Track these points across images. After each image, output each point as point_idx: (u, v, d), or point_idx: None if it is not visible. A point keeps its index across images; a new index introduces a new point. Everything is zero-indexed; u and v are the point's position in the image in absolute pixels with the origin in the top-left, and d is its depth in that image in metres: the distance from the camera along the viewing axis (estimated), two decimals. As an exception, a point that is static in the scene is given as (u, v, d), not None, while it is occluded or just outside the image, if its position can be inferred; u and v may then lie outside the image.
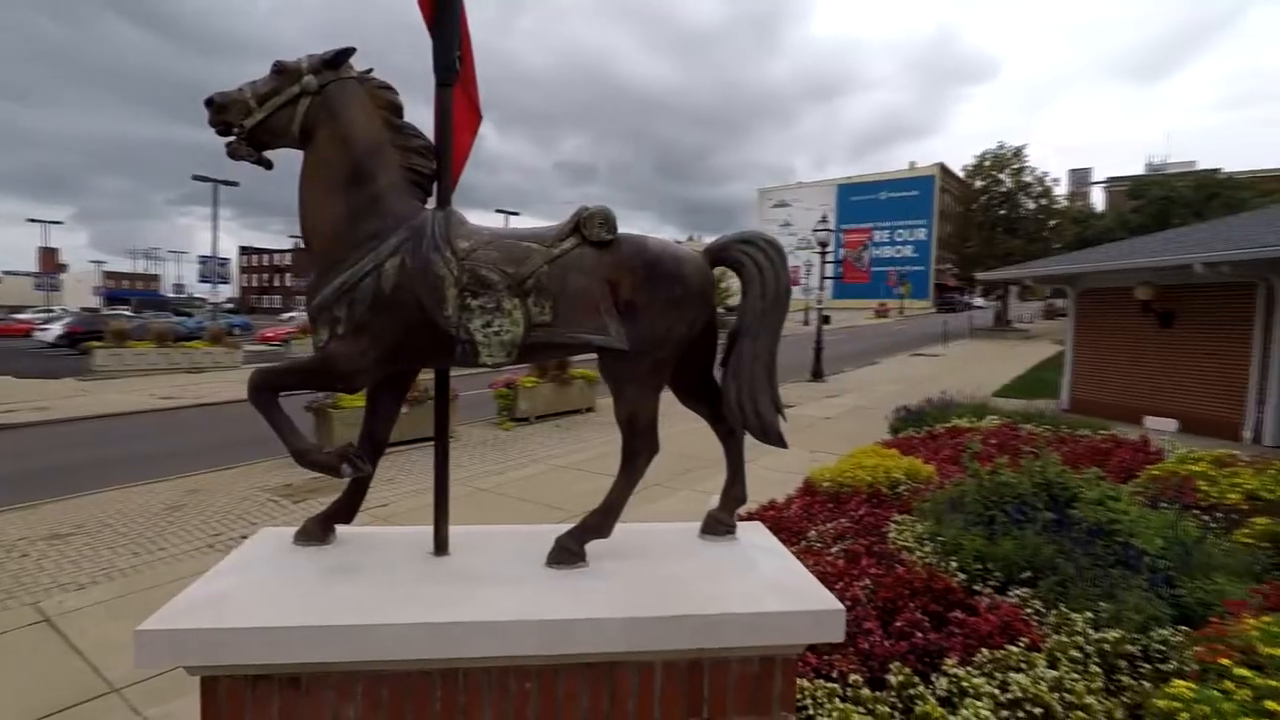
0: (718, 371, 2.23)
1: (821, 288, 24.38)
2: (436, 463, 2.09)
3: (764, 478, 6.90)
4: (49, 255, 57.72)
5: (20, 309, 56.36)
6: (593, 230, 1.97)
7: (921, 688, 2.95)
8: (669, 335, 1.99)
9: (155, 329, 24.55)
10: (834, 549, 4.62)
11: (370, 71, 2.04)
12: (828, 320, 25.66)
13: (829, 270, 25.00)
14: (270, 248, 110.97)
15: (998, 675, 2.95)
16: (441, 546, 2.07)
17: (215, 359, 24.44)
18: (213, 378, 21.53)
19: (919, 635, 3.31)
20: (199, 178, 30.53)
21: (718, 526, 2.27)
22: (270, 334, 33.88)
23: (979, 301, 65.29)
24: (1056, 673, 2.95)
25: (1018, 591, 3.73)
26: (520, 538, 2.27)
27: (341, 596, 1.75)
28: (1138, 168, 73.72)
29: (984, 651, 3.12)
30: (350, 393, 2.03)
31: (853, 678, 3.02)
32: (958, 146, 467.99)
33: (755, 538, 2.34)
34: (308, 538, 2.08)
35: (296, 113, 1.92)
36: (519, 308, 1.91)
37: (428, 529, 2.20)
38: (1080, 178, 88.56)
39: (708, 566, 2.04)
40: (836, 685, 2.99)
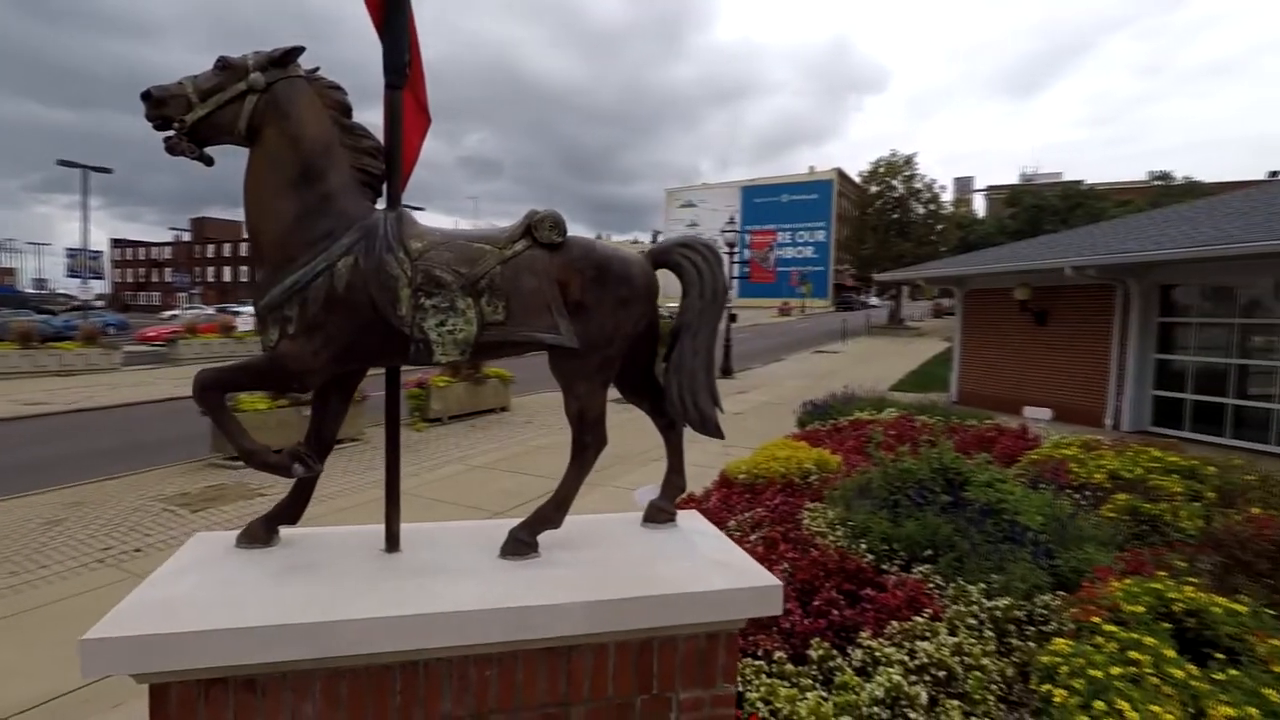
0: (658, 368, 2.35)
1: (730, 287, 25.07)
2: (388, 459, 2.11)
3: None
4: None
5: None
6: (544, 233, 2.05)
7: (840, 660, 3.19)
8: (616, 333, 2.09)
9: (18, 328, 22.25)
10: (753, 537, 4.84)
11: (317, 70, 2.03)
12: (735, 318, 26.43)
13: (736, 270, 25.75)
14: (146, 240, 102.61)
15: (906, 644, 3.22)
16: (393, 542, 2.09)
17: (89, 360, 22.43)
18: (88, 381, 19.79)
19: (835, 612, 3.55)
20: (65, 163, 27.95)
21: (660, 514, 2.39)
22: (152, 333, 31.36)
23: (874, 301, 68.77)
24: (956, 639, 3.25)
25: (920, 568, 4.05)
26: (468, 532, 2.32)
27: (299, 595, 1.76)
28: (1013, 177, 79.68)
29: (893, 624, 3.40)
30: (303, 392, 2.02)
31: (777, 655, 3.22)
32: (852, 152, 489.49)
33: (694, 524, 2.48)
34: (251, 539, 2.05)
35: (243, 109, 1.89)
36: (472, 307, 1.96)
37: (374, 527, 2.21)
38: (964, 185, 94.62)
39: (655, 551, 2.16)
40: (763, 662, 3.18)
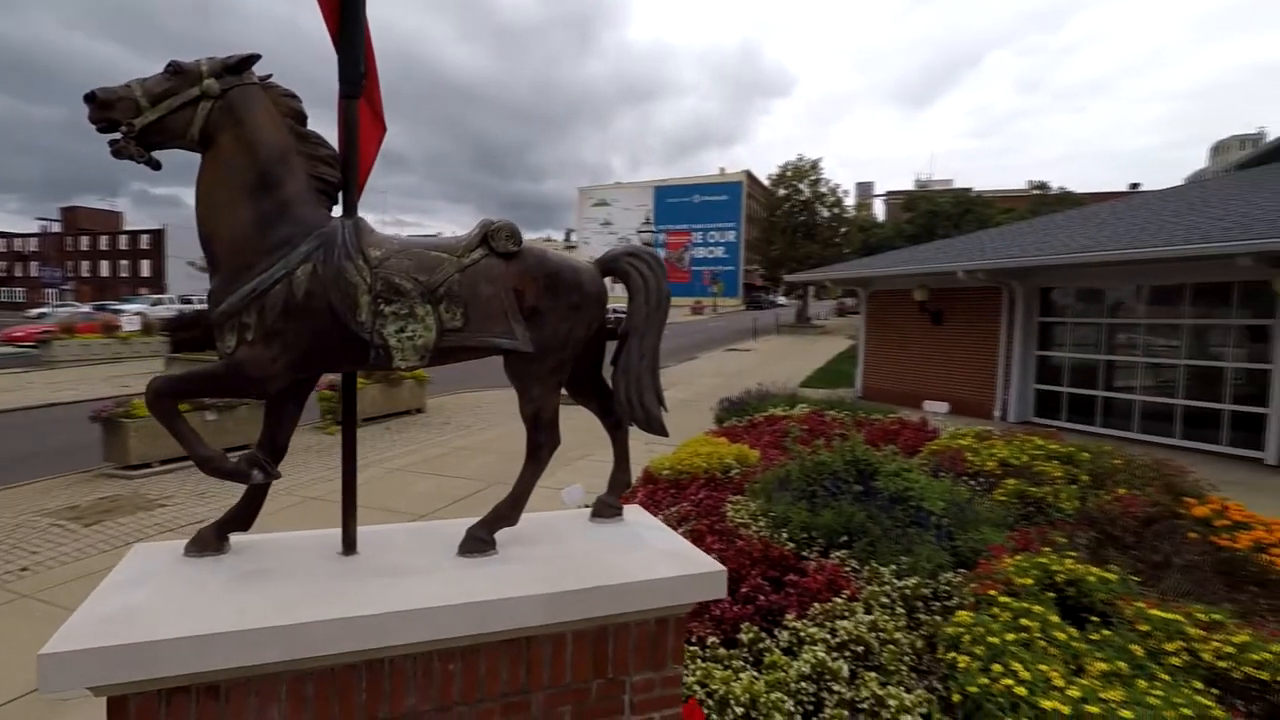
0: (606, 370, 2.48)
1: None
2: (344, 463, 2.13)
3: (604, 472, 7.18)
4: None
5: None
6: (500, 243, 2.13)
7: (768, 641, 3.42)
8: (569, 337, 2.20)
9: None
10: (680, 530, 5.03)
11: (270, 78, 2.03)
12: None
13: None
14: (8, 231, 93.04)
15: (828, 624, 3.48)
16: (350, 545, 2.12)
17: (-57, 364, 20.36)
18: (-57, 386, 17.95)
19: (761, 598, 3.78)
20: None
21: (606, 509, 2.52)
22: (19, 333, 28.62)
23: (782, 300, 71.10)
24: (872, 616, 3.53)
25: (837, 553, 4.34)
26: (421, 534, 2.37)
27: (264, 599, 1.77)
28: (909, 183, 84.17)
29: (815, 605, 3.65)
30: (260, 398, 2.02)
31: (710, 640, 3.42)
32: (760, 154, 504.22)
33: (639, 518, 2.62)
34: (202, 547, 2.03)
35: (197, 115, 1.88)
36: (431, 314, 2.02)
37: (327, 531, 2.24)
38: (865, 190, 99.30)
39: (606, 544, 2.28)
40: (697, 648, 3.37)
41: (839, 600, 3.66)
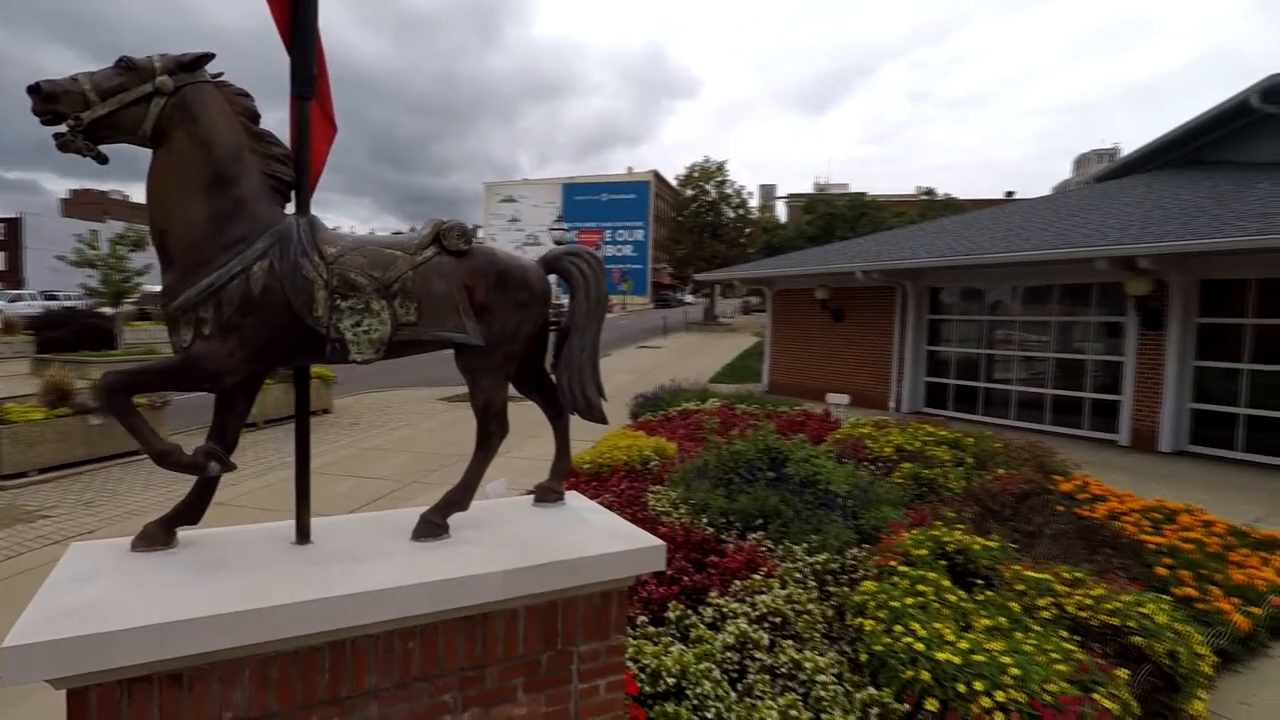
0: (548, 362, 2.62)
1: (558, 284, 25.33)
2: (298, 454, 2.18)
3: (522, 468, 7.20)
4: None
5: None
6: (452, 242, 2.23)
7: (694, 618, 3.64)
8: (517, 332, 2.33)
9: None
10: (605, 520, 5.21)
11: (221, 76, 2.04)
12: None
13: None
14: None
15: (748, 599, 3.74)
16: (304, 535, 2.16)
17: None
18: None
19: (686, 578, 4.01)
20: None
21: (549, 494, 2.66)
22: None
23: (689, 298, 72.39)
24: (787, 591, 3.83)
25: (754, 535, 4.63)
26: (370, 522, 2.44)
27: (228, 587, 1.81)
28: (809, 186, 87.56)
29: (736, 583, 3.92)
30: (216, 392, 2.03)
31: (640, 619, 3.61)
32: (666, 155, 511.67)
33: (579, 503, 2.77)
34: (150, 542, 2.03)
35: (149, 112, 1.88)
36: (386, 309, 2.10)
37: (277, 524, 2.28)
38: (768, 192, 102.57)
39: (552, 526, 2.43)
40: (628, 627, 3.55)
41: (757, 577, 3.93)
